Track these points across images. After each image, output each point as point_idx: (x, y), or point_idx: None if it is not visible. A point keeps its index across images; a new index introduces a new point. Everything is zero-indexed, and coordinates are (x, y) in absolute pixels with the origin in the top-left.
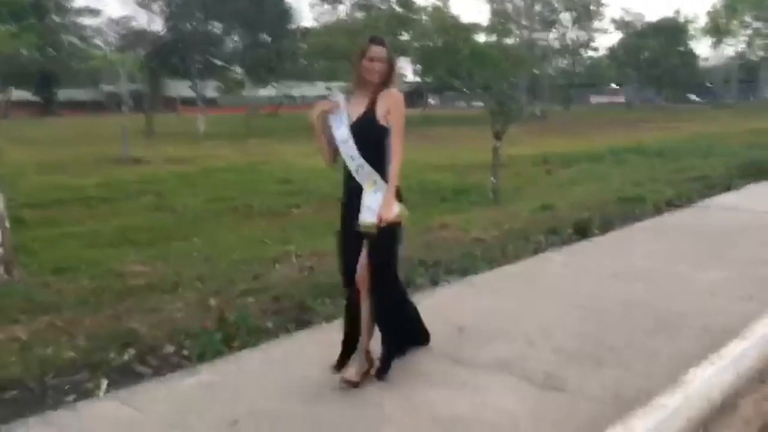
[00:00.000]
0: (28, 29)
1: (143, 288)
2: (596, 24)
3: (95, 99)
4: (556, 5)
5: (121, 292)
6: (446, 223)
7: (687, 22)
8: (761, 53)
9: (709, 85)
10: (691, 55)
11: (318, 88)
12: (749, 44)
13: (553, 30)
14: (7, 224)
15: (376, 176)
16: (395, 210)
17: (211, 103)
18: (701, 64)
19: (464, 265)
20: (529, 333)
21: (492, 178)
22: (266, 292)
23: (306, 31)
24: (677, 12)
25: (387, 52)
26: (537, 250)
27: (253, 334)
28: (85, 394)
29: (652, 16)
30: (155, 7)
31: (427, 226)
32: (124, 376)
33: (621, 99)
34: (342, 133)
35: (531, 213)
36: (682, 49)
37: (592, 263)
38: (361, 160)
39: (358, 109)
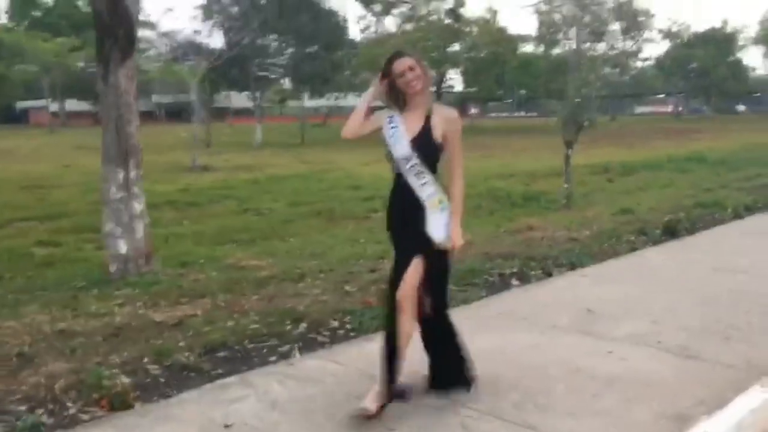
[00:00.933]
0: (90, 43)
1: (272, 278)
2: (644, 34)
3: (145, 109)
4: (605, 15)
5: (255, 281)
6: (532, 225)
7: (736, 32)
8: None
9: (757, 95)
10: (740, 65)
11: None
12: None
13: (602, 40)
14: (147, 221)
15: (442, 194)
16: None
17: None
18: (750, 74)
19: (570, 260)
20: (653, 314)
21: (565, 185)
22: None
23: (353, 45)
24: (725, 22)
25: (413, 59)
26: (633, 248)
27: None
28: (284, 355)
29: (699, 26)
30: (212, 21)
31: (513, 228)
32: (307, 344)
33: (665, 109)
34: (403, 148)
35: (612, 216)
36: (731, 58)
37: (690, 258)
38: (429, 177)
39: (413, 126)
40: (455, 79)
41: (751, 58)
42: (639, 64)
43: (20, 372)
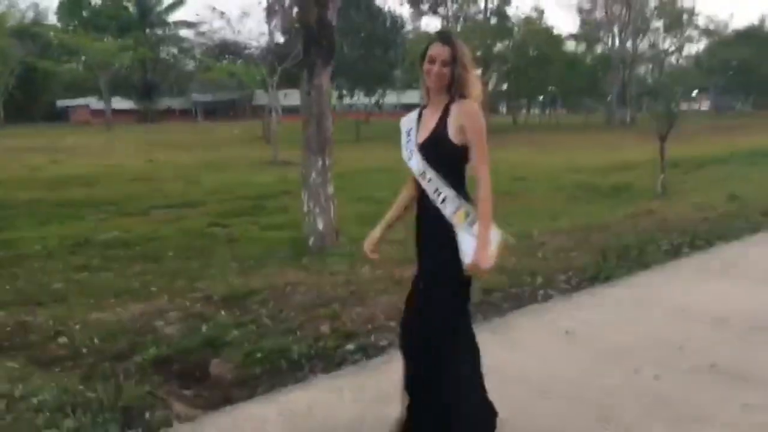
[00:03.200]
0: (139, 43)
1: None
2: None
3: (184, 107)
4: (648, 14)
5: None
6: (651, 209)
7: None
8: None
9: None
10: None
11: (407, 96)
12: None
13: (644, 37)
14: (336, 202)
15: (467, 206)
16: (493, 248)
17: (291, 111)
18: None
19: (724, 233)
20: None
21: (661, 175)
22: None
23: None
24: (763, 18)
25: (451, 51)
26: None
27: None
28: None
29: (737, 22)
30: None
31: (634, 212)
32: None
33: (699, 106)
34: (416, 164)
35: (724, 202)
36: None
37: None
38: (448, 192)
39: (428, 125)
40: (492, 77)
41: None
42: (679, 60)
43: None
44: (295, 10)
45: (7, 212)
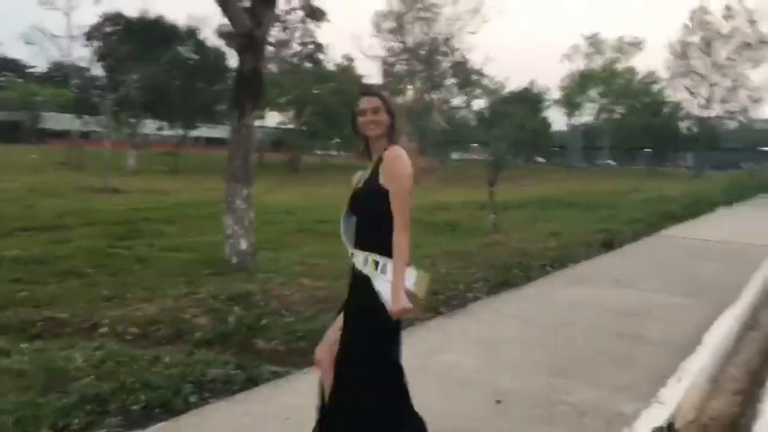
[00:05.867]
0: None
1: None
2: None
3: None
4: (444, 71)
5: None
6: (498, 240)
7: (540, 93)
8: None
9: (555, 149)
10: (546, 122)
11: (219, 131)
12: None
13: (439, 92)
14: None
15: (374, 256)
16: (411, 287)
17: (85, 136)
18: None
19: (573, 257)
20: (653, 279)
21: (491, 214)
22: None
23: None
24: (531, 83)
25: (379, 100)
26: (595, 255)
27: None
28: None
29: (512, 83)
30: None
31: (485, 243)
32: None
33: (476, 156)
34: (343, 220)
35: (547, 236)
36: (540, 116)
37: (638, 258)
38: (353, 249)
39: (366, 176)
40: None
41: (555, 115)
42: (463, 114)
43: None
44: None
45: None
